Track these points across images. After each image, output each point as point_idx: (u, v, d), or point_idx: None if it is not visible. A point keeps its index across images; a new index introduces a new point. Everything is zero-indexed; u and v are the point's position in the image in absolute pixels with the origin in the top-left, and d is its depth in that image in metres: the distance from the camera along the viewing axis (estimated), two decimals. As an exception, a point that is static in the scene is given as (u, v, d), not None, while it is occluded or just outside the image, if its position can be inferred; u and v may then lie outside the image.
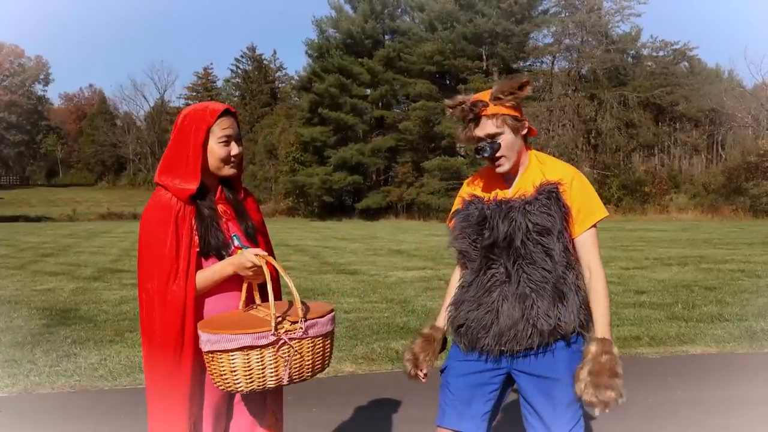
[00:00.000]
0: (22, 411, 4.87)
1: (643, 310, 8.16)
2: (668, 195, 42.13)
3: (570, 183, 2.52)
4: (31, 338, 7.06)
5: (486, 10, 45.01)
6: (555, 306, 2.46)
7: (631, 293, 9.46)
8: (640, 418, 4.53)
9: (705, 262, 13.01)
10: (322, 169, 47.80)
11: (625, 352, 6.23)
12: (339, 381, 5.55)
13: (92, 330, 7.49)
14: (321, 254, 16.57)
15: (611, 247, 16.73)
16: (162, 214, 2.37)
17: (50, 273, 13.01)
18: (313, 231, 29.36)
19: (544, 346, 2.49)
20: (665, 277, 11.01)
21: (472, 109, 2.48)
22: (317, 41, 51.46)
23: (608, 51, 42.76)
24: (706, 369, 5.73)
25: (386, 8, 49.98)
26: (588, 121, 43.03)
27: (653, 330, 7.05)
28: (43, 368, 5.88)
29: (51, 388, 5.38)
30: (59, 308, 8.90)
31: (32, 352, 6.43)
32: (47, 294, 10.22)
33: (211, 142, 2.45)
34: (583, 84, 43.58)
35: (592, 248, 2.54)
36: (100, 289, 10.74)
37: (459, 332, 2.61)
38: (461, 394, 2.60)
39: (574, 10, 43.10)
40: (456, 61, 45.39)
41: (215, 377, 2.23)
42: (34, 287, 10.99)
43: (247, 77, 76.37)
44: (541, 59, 46.45)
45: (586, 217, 2.53)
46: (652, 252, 15.38)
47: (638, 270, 12.06)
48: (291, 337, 2.20)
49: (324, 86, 47.51)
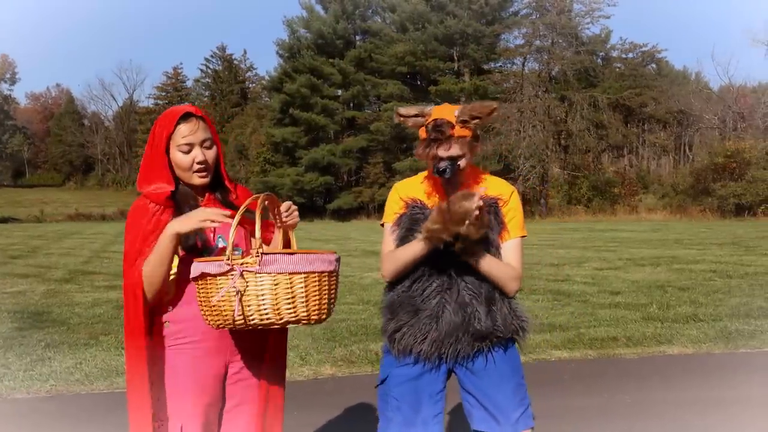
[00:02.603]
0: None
1: (619, 311, 8.24)
2: (637, 195, 42.71)
3: (508, 199, 2.61)
4: (2, 342, 6.92)
5: (457, 12, 45.23)
6: (490, 311, 2.53)
7: (606, 294, 9.55)
8: (620, 418, 4.58)
9: (677, 263, 13.19)
10: (294, 169, 47.69)
11: (603, 353, 6.30)
12: (319, 383, 5.54)
13: (66, 333, 7.37)
14: (295, 255, 16.50)
15: (583, 248, 16.92)
16: (137, 216, 2.39)
17: (20, 275, 12.77)
18: (285, 232, 29.22)
19: (480, 350, 2.56)
20: (639, 278, 11.15)
21: (439, 130, 2.45)
22: (288, 41, 51.31)
23: (578, 53, 43.20)
24: (684, 369, 5.80)
25: (357, 9, 49.98)
26: (558, 122, 43.43)
27: (630, 330, 7.13)
28: (17, 373, 5.77)
29: (26, 393, 5.28)
30: (31, 311, 8.75)
31: (5, 356, 6.31)
32: (18, 296, 10.04)
33: (172, 150, 2.40)
34: (554, 85, 43.96)
35: (516, 254, 2.60)
36: (72, 291, 10.57)
37: (394, 337, 2.60)
38: (408, 399, 2.59)
39: (544, 11, 43.45)
40: (427, 62, 45.57)
41: (198, 306, 2.23)
42: (4, 290, 10.79)
43: (217, 77, 75.75)
44: (512, 60, 46.81)
45: (514, 227, 2.61)
46: (625, 252, 15.57)
47: (612, 270, 12.20)
48: (245, 269, 2.09)
49: (295, 86, 47.38)
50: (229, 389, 2.48)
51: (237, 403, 2.49)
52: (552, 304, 8.78)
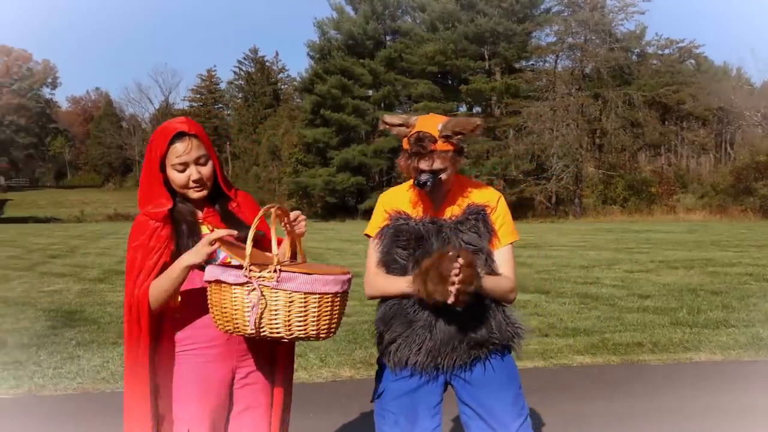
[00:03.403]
0: (25, 413, 4.90)
1: (647, 316, 8.12)
2: (675, 195, 41.96)
3: (496, 205, 2.62)
4: (36, 340, 7.11)
5: (487, 10, 44.90)
6: (486, 319, 2.55)
7: (634, 297, 9.41)
8: (639, 425, 4.53)
9: (712, 265, 12.94)
10: (325, 170, 47.81)
11: (627, 358, 6.22)
12: (337, 386, 5.56)
13: (96, 332, 7.53)
14: (323, 256, 16.55)
15: (615, 249, 16.70)
16: (137, 233, 2.45)
17: (57, 274, 13.05)
18: (316, 232, 29.34)
19: (477, 358, 2.56)
20: (670, 281, 10.96)
21: (421, 144, 2.44)
22: (319, 42, 51.43)
23: (612, 50, 42.59)
24: (710, 377, 5.70)
25: (387, 9, 49.93)
26: (592, 120, 42.88)
27: (656, 336, 7.01)
28: (47, 370, 5.92)
29: (54, 390, 5.42)
30: (65, 310, 8.94)
31: (37, 354, 6.48)
32: (54, 295, 10.26)
33: (168, 169, 2.44)
34: (587, 83, 43.41)
35: (509, 264, 2.62)
36: (105, 290, 10.77)
37: (389, 350, 2.59)
38: (406, 412, 2.57)
39: (576, 8, 42.96)
40: (458, 61, 45.33)
41: (209, 308, 2.28)
42: (41, 288, 11.04)
43: (250, 79, 76.40)
44: (544, 58, 46.27)
45: (504, 234, 2.61)
46: (658, 254, 15.31)
47: (643, 273, 12.01)
48: (261, 284, 2.15)
49: (326, 87, 47.50)
50: (237, 393, 2.52)
51: (244, 407, 2.52)
52: (578, 308, 8.69)
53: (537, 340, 6.87)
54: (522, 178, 42.83)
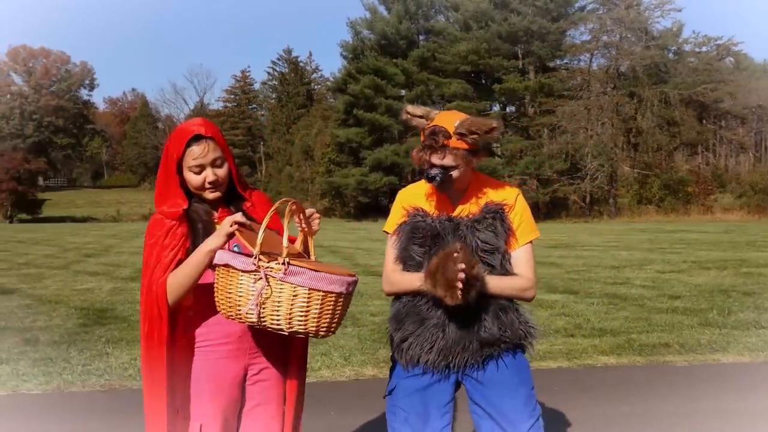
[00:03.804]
0: (52, 409, 4.99)
1: (676, 316, 8.01)
2: (713, 195, 41.32)
3: (514, 203, 2.59)
4: (67, 337, 7.23)
5: (521, 9, 44.66)
6: (498, 318, 2.52)
7: (664, 298, 9.29)
8: (660, 427, 4.47)
9: (746, 266, 12.73)
10: (358, 170, 47.98)
11: (653, 359, 6.14)
12: (360, 384, 5.56)
13: (126, 330, 7.64)
14: (353, 255, 16.62)
15: (648, 250, 16.49)
16: (154, 231, 2.48)
17: (91, 273, 13.29)
18: (348, 232, 29.46)
19: (489, 357, 2.55)
20: (702, 282, 10.80)
21: (434, 138, 2.45)
22: (352, 43, 51.68)
23: (648, 47, 42.07)
24: (736, 379, 5.60)
25: (420, 8, 49.95)
26: (627, 119, 42.39)
27: (684, 337, 6.91)
28: (76, 367, 6.01)
29: (82, 387, 5.50)
30: (96, 308, 9.09)
31: (67, 351, 6.58)
32: (86, 294, 10.44)
33: (184, 171, 2.48)
34: (622, 81, 42.93)
35: (527, 262, 2.59)
36: (136, 289, 10.91)
37: (401, 347, 2.59)
38: (416, 410, 2.57)
39: (612, 6, 42.51)
40: (491, 60, 45.15)
41: (215, 292, 2.31)
42: (74, 287, 11.25)
43: (284, 79, 76.89)
44: (579, 57, 45.92)
45: (522, 233, 2.59)
46: (691, 255, 15.10)
47: (674, 274, 11.85)
48: (268, 273, 2.18)
49: (359, 87, 47.67)
50: (249, 390, 2.54)
51: (256, 403, 2.55)
52: (606, 308, 8.60)
53: (562, 341, 6.82)
54: (555, 177, 42.48)
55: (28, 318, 8.36)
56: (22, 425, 4.65)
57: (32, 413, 4.90)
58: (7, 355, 6.39)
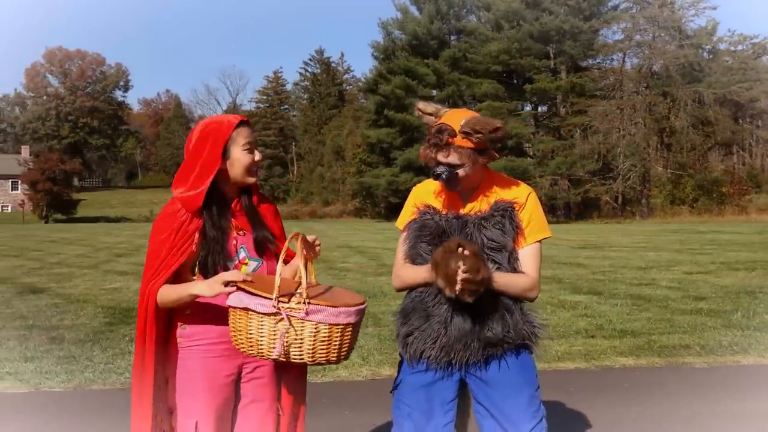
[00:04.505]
0: (71, 407, 5.08)
1: (699, 318, 7.91)
2: (747, 195, 40.60)
3: (524, 202, 2.58)
4: (92, 336, 7.33)
5: (553, 8, 44.32)
6: (503, 318, 2.52)
7: (689, 299, 9.18)
8: (674, 429, 4.43)
9: (776, 267, 12.51)
10: (389, 170, 48.02)
11: (671, 361, 6.08)
12: (376, 384, 5.56)
13: (149, 329, 7.74)
14: (380, 256, 16.64)
15: (677, 251, 16.28)
16: (165, 224, 2.50)
17: (120, 272, 13.50)
18: (377, 232, 29.51)
19: (493, 356, 2.54)
20: (729, 283, 10.65)
21: (439, 136, 2.46)
22: (383, 43, 51.71)
23: (682, 46, 41.46)
24: (754, 380, 5.53)
25: (452, 8, 49.85)
26: (661, 119, 41.85)
27: (705, 338, 6.83)
28: (98, 365, 6.10)
29: (102, 385, 5.58)
30: (123, 307, 9.21)
31: (91, 350, 6.68)
32: (114, 293, 10.59)
33: (234, 152, 2.52)
34: (655, 81, 42.38)
35: (533, 262, 2.58)
36: (163, 289, 11.07)
37: (406, 342, 2.61)
38: (420, 406, 2.58)
39: (645, 5, 42.00)
40: (522, 60, 44.86)
41: (231, 334, 2.37)
42: (103, 286, 11.42)
43: (316, 80, 77.33)
44: (611, 56, 45.46)
45: (531, 232, 2.58)
46: (720, 256, 14.88)
47: (701, 275, 11.70)
48: (290, 314, 2.25)
49: (390, 88, 47.70)
50: (243, 387, 2.58)
51: (250, 400, 2.58)
52: (629, 309, 8.52)
53: (582, 341, 6.78)
54: (587, 177, 42.09)
55: (55, 317, 8.52)
56: (42, 422, 4.73)
57: (52, 411, 4.98)
58: (32, 353, 6.52)
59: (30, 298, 10.14)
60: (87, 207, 63.96)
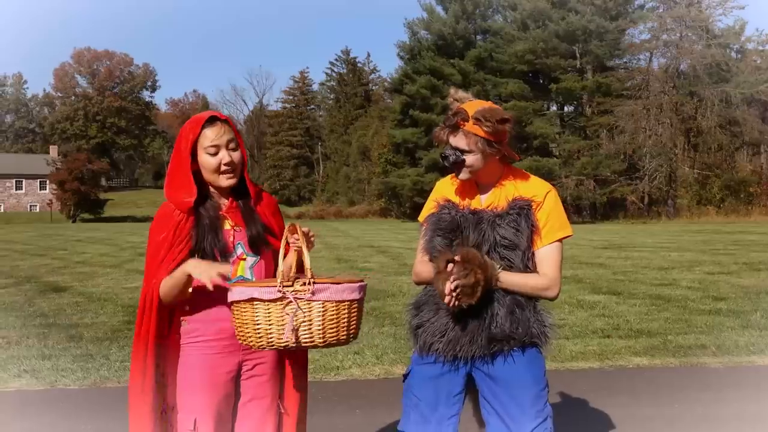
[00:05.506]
0: (85, 404, 5.14)
1: (717, 318, 7.83)
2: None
3: (543, 199, 2.57)
4: (110, 334, 7.41)
5: (579, 8, 43.95)
6: (512, 315, 2.51)
7: (708, 300, 9.08)
8: (680, 428, 4.39)
9: (800, 268, 12.31)
10: (414, 170, 48.00)
11: (686, 361, 6.03)
12: (389, 383, 5.55)
13: (167, 327, 7.82)
14: (402, 256, 16.62)
15: (701, 251, 16.08)
16: (162, 224, 2.53)
17: (141, 272, 13.50)
18: (401, 232, 29.52)
19: (499, 352, 2.54)
20: (750, 284, 10.51)
21: (452, 117, 2.50)
22: (409, 43, 51.67)
23: (709, 46, 40.90)
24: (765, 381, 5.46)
25: (478, 8, 49.66)
26: (687, 119, 41.35)
27: (722, 339, 6.75)
28: (114, 363, 6.15)
29: (117, 382, 5.61)
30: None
31: (108, 348, 6.74)
32: (134, 292, 10.66)
33: (200, 154, 2.50)
34: (682, 81, 41.87)
35: (551, 261, 2.56)
36: (182, 287, 11.17)
37: (416, 333, 2.65)
38: (427, 397, 2.61)
39: (672, 4, 41.52)
40: (548, 59, 44.56)
41: (236, 331, 2.38)
42: (124, 285, 11.55)
43: (342, 80, 77.52)
44: (637, 56, 45.01)
45: (549, 231, 2.56)
46: (743, 256, 14.68)
47: (723, 275, 11.57)
48: (297, 296, 2.27)
49: (415, 88, 47.68)
50: (243, 384, 2.58)
51: (250, 398, 2.59)
52: (648, 309, 8.45)
53: (597, 341, 6.75)
54: (613, 178, 41.71)
55: (75, 315, 8.64)
56: (56, 419, 4.78)
57: (66, 408, 5.03)
58: (50, 351, 6.60)
59: (52, 296, 10.28)
60: (114, 207, 64.67)
